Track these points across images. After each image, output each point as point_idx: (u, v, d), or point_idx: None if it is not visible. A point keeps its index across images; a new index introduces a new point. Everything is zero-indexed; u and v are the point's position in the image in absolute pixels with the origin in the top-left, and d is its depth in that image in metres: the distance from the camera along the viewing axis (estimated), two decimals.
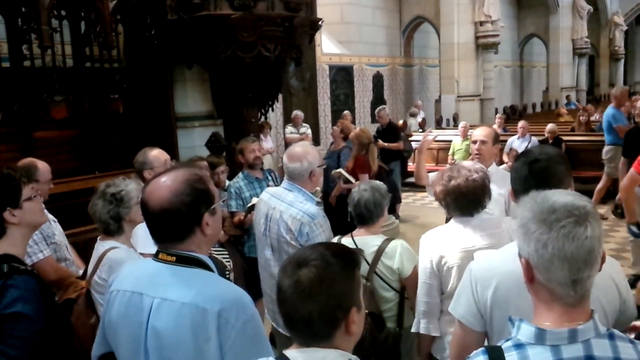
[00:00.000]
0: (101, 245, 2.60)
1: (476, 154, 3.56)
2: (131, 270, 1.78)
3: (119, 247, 2.55)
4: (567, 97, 20.50)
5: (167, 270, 1.62)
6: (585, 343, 1.26)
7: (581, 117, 12.21)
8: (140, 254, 2.72)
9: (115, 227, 2.60)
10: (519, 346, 1.30)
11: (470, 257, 2.42)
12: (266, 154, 8.93)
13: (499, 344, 1.35)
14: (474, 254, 2.24)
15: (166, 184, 1.62)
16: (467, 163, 2.71)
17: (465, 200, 2.51)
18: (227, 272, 3.84)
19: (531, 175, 1.90)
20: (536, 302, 1.36)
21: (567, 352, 1.25)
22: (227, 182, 4.63)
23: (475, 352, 1.38)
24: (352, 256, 1.44)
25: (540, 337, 1.28)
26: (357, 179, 5.89)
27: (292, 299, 1.33)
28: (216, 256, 3.87)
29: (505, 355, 1.30)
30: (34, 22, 4.89)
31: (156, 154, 3.49)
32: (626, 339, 1.30)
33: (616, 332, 1.31)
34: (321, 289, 1.32)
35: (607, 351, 1.26)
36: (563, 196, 1.33)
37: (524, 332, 1.31)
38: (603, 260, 1.33)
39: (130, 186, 2.64)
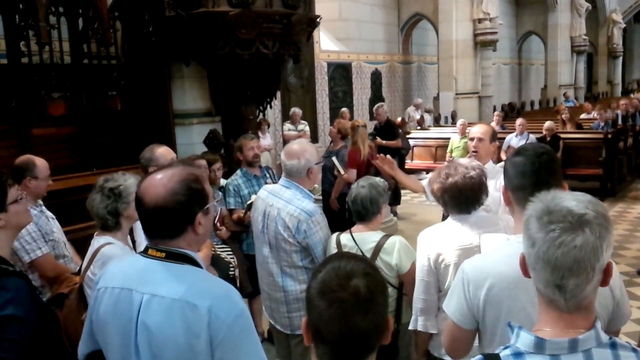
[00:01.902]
0: (97, 241, 2.57)
1: (473, 152, 3.56)
2: (119, 267, 1.77)
3: (114, 243, 2.53)
4: (565, 94, 20.51)
5: (157, 266, 1.63)
6: (586, 353, 1.24)
7: (563, 116, 12.18)
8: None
9: (112, 223, 2.57)
10: (517, 355, 1.27)
11: (467, 255, 2.43)
12: (264, 151, 8.94)
13: (496, 352, 1.32)
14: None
15: (162, 181, 1.62)
16: (464, 160, 2.71)
17: (463, 198, 2.51)
18: (232, 269, 3.85)
19: (540, 168, 1.87)
20: (539, 304, 1.34)
21: None
22: (223, 180, 4.63)
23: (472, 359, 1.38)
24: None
25: (540, 346, 1.25)
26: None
27: (348, 314, 1.20)
28: (220, 254, 3.89)
29: None
30: (32, 18, 4.88)
31: (163, 152, 3.50)
32: (629, 348, 1.28)
33: (619, 340, 1.29)
34: (377, 301, 1.23)
35: None
36: (570, 199, 1.28)
37: (523, 340, 1.28)
38: (609, 274, 1.27)
39: (129, 181, 2.60)
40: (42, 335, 1.93)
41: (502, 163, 6.07)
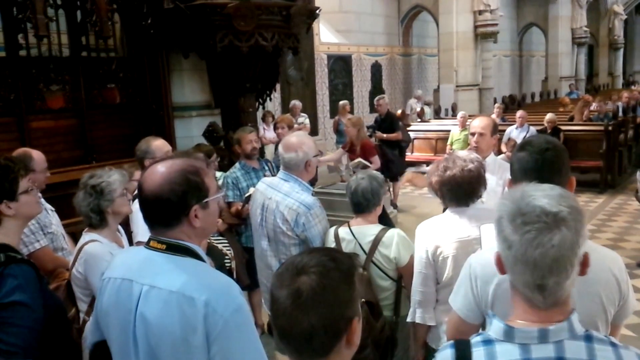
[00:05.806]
0: (83, 238, 2.59)
1: (474, 146, 3.54)
2: (123, 258, 1.79)
3: (98, 241, 2.54)
4: (570, 86, 20.47)
5: (158, 258, 1.63)
6: (557, 344, 1.23)
7: (583, 108, 12.16)
8: (138, 242, 2.72)
9: (96, 220, 2.58)
10: (487, 342, 1.28)
11: (465, 247, 2.43)
12: (268, 144, 8.92)
13: (469, 338, 1.33)
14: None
15: (161, 170, 1.63)
16: (463, 153, 2.70)
17: (461, 191, 2.51)
18: (228, 260, 3.85)
19: (544, 165, 1.84)
20: (513, 298, 1.34)
21: (537, 352, 1.23)
22: (218, 173, 4.60)
23: (443, 345, 1.39)
24: (351, 261, 1.33)
25: (509, 334, 1.26)
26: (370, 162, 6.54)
27: (292, 310, 1.20)
28: (216, 245, 3.88)
29: (473, 350, 1.29)
30: (30, 11, 4.87)
31: (159, 144, 3.52)
32: (606, 342, 1.26)
33: (595, 334, 1.26)
34: (324, 298, 1.20)
35: (582, 354, 1.22)
36: (541, 197, 1.26)
37: (494, 328, 1.29)
38: (586, 264, 1.27)
39: (112, 177, 2.59)
40: (49, 323, 1.95)
41: (503, 155, 6.07)
